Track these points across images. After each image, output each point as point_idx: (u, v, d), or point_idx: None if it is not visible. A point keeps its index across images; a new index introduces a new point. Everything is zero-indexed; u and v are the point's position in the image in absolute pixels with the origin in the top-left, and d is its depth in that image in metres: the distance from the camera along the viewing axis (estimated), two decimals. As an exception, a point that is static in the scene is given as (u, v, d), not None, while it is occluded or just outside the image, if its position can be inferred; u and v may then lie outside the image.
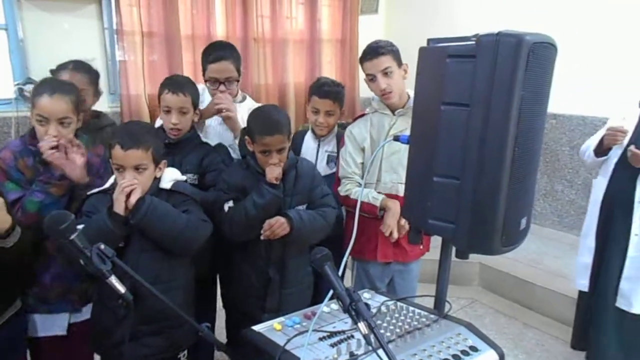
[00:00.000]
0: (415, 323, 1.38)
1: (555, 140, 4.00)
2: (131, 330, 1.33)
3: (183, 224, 1.59)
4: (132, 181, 1.53)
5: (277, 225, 1.82)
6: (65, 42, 3.31)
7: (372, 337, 1.10)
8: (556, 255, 3.64)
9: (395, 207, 2.04)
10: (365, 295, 1.58)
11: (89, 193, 1.65)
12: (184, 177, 1.75)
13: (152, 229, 1.57)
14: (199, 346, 1.86)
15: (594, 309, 2.51)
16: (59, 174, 1.64)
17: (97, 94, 2.14)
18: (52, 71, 2.05)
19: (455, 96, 1.22)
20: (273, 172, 1.80)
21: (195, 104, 2.02)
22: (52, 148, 1.61)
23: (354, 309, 1.15)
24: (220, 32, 3.97)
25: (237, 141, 2.16)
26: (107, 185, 1.66)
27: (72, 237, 1.10)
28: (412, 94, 2.03)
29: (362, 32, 4.65)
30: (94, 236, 1.30)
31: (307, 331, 1.29)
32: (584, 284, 2.55)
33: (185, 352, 1.70)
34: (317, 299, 2.00)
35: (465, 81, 1.19)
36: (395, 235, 2.06)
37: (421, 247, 2.21)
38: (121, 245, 1.56)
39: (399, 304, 1.50)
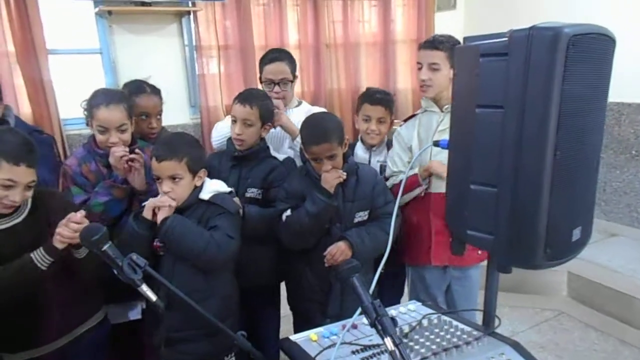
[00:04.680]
0: (456, 340, 1.29)
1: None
2: (166, 336, 1.39)
3: (204, 244, 1.60)
4: (162, 200, 1.60)
5: (338, 253, 1.83)
6: (150, 60, 3.59)
7: (397, 353, 1.06)
8: (660, 265, 3.24)
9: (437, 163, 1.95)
10: (410, 307, 1.52)
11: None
12: (228, 189, 1.78)
13: (172, 247, 1.63)
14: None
15: None
16: (122, 179, 1.77)
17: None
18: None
19: (490, 98, 1.13)
20: (328, 181, 1.80)
21: (264, 118, 2.01)
22: (122, 157, 1.74)
23: (380, 324, 1.12)
24: (292, 41, 4.05)
25: (295, 142, 2.17)
26: None
27: (105, 247, 1.18)
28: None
29: (439, 30, 4.47)
30: (126, 239, 1.45)
31: (340, 343, 1.27)
32: None
33: (233, 355, 1.73)
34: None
35: (498, 81, 1.10)
36: None
37: (479, 252, 2.07)
38: (162, 253, 1.65)
39: (443, 317, 1.42)
